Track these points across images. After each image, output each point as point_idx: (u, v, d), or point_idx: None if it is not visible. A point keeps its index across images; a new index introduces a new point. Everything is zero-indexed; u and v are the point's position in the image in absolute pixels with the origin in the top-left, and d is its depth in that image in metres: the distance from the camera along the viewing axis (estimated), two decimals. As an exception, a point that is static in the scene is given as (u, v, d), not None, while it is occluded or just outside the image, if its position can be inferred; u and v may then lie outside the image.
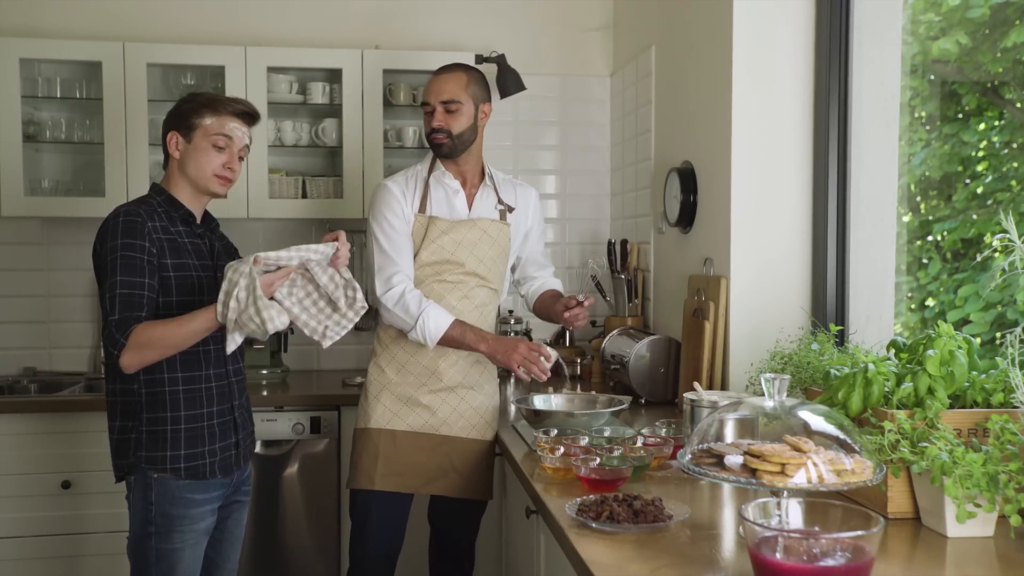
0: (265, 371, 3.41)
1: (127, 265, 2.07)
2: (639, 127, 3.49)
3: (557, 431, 2.31)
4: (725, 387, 2.63)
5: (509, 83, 3.62)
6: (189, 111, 2.20)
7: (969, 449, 1.55)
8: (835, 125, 2.49)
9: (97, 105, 3.35)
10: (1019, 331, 1.64)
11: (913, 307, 2.52)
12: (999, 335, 1.78)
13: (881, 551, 1.51)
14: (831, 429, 1.53)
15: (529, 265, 2.82)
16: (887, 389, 1.77)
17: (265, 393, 3.22)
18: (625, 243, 3.54)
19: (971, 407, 1.74)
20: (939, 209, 2.44)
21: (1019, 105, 2.22)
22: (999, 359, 1.77)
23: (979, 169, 2.34)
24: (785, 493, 1.43)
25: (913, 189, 2.51)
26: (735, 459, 1.51)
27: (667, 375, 2.94)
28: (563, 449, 2.09)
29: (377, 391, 2.60)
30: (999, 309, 2.17)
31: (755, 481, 1.45)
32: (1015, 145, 2.26)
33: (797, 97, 2.57)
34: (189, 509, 2.17)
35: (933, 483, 1.54)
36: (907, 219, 2.50)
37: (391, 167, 3.61)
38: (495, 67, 3.62)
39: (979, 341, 1.82)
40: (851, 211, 2.49)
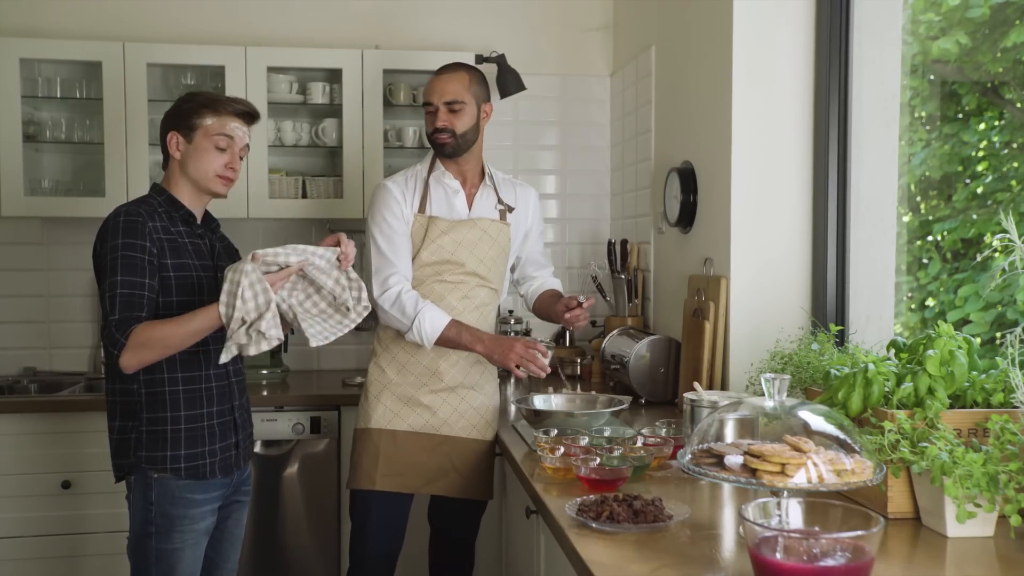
0: (265, 371, 3.42)
1: (128, 265, 2.07)
2: (639, 127, 3.49)
3: (557, 431, 2.31)
4: (725, 387, 2.63)
5: (509, 83, 3.62)
6: (189, 111, 2.20)
7: (969, 449, 1.55)
8: (835, 125, 2.49)
9: (97, 105, 3.35)
10: (1019, 331, 1.64)
11: (913, 307, 2.52)
12: (999, 335, 1.78)
13: (881, 551, 1.51)
14: (831, 429, 1.53)
15: (528, 265, 2.82)
16: (887, 389, 1.77)
17: (265, 393, 3.22)
18: (625, 243, 3.54)
19: (971, 407, 1.74)
20: (939, 209, 2.44)
21: (1019, 105, 2.22)
22: (999, 359, 1.77)
23: (979, 169, 2.34)
24: (785, 493, 1.43)
25: (913, 189, 2.51)
26: (735, 459, 1.51)
27: (667, 375, 2.94)
28: (563, 449, 2.09)
29: (378, 391, 2.60)
30: (999, 309, 2.17)
31: (755, 481, 1.45)
32: (1015, 145, 2.25)
33: (797, 97, 2.57)
34: (189, 509, 2.17)
35: (933, 483, 1.54)
36: (907, 219, 2.50)
37: (391, 167, 3.61)
38: (495, 67, 3.62)
39: (979, 341, 1.82)
40: (851, 211, 2.49)
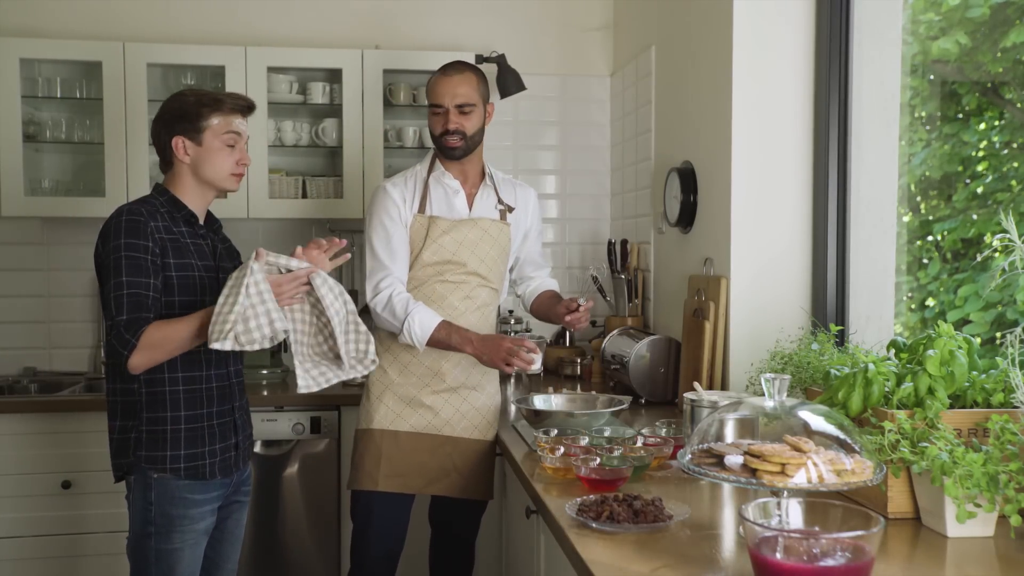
0: (265, 371, 3.41)
1: (132, 265, 2.06)
2: (639, 127, 3.49)
3: (557, 431, 2.31)
4: (725, 387, 2.63)
5: (509, 83, 3.62)
6: (194, 114, 2.18)
7: (969, 449, 1.55)
8: (835, 125, 2.49)
9: (97, 105, 3.35)
10: (1019, 331, 1.64)
11: (913, 307, 2.52)
12: (999, 335, 1.77)
13: (881, 551, 1.51)
14: (831, 429, 1.53)
15: (527, 265, 2.82)
16: (887, 389, 1.77)
17: (265, 393, 3.22)
18: (625, 243, 3.54)
19: (971, 407, 1.74)
20: (939, 209, 2.44)
21: (1019, 105, 2.22)
22: (999, 359, 1.77)
23: (979, 169, 2.34)
24: (785, 493, 1.43)
25: (913, 189, 2.51)
26: (735, 459, 1.50)
27: (667, 375, 2.94)
28: (563, 449, 2.09)
29: (380, 392, 2.60)
30: (999, 309, 2.17)
31: (755, 481, 1.45)
32: (1015, 145, 2.26)
33: (797, 97, 2.57)
34: (189, 509, 2.17)
35: (933, 483, 1.54)
36: (907, 219, 2.50)
37: (391, 167, 3.61)
38: (495, 67, 3.62)
39: (979, 341, 1.82)
40: (851, 211, 2.49)
